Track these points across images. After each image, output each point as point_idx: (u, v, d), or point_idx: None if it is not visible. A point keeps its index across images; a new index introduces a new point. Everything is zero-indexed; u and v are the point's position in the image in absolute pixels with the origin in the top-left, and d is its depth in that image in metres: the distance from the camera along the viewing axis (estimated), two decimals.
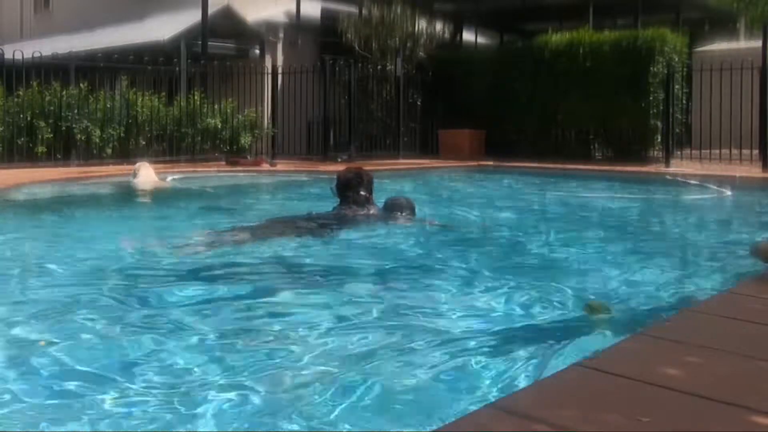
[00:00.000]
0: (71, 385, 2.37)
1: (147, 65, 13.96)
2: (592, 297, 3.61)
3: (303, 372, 2.52)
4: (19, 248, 5.24)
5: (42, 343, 2.84)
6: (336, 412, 2.19)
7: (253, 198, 9.94)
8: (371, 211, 5.57)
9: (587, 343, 2.86)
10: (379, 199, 5.85)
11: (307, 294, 3.76)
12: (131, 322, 3.09)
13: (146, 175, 9.57)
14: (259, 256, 4.63)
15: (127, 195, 9.23)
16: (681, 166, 12.78)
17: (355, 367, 2.56)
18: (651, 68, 13.92)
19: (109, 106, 12.40)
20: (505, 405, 1.88)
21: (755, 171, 11.78)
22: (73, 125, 11.79)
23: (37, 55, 11.85)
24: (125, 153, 12.31)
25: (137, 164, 9.96)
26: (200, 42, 14.67)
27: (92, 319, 3.12)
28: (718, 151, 12.98)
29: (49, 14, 22.13)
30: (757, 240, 4.71)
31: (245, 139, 14.10)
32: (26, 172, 10.34)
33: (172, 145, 13.20)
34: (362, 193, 5.57)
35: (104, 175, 10.51)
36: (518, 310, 3.40)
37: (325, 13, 17.17)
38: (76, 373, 2.48)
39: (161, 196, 9.25)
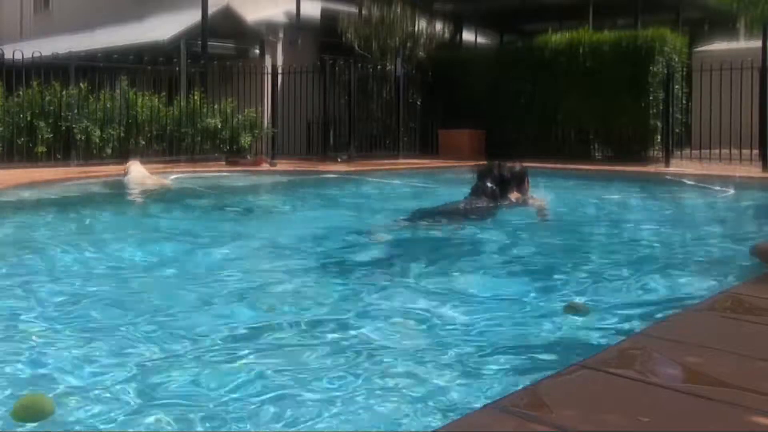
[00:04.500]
0: None
1: (147, 65, 13.96)
2: (576, 298, 3.61)
3: None
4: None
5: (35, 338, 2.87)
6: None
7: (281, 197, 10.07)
8: (490, 203, 5.90)
9: (587, 343, 2.86)
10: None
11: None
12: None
13: (137, 171, 9.51)
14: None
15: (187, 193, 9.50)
16: (681, 166, 12.77)
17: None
18: (651, 68, 13.91)
19: (109, 106, 12.39)
20: (505, 405, 1.87)
21: (755, 171, 11.77)
22: (73, 125, 11.79)
23: (37, 55, 11.85)
24: (125, 153, 12.30)
25: (128, 162, 9.98)
26: (200, 42, 14.67)
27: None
28: (718, 151, 12.97)
29: (49, 14, 22.13)
30: (758, 240, 4.70)
31: (245, 139, 14.09)
32: (27, 171, 10.33)
33: (171, 145, 13.19)
34: (489, 185, 5.88)
35: (106, 175, 10.51)
36: (516, 311, 3.40)
37: (325, 13, 17.17)
38: None
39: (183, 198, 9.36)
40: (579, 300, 3.53)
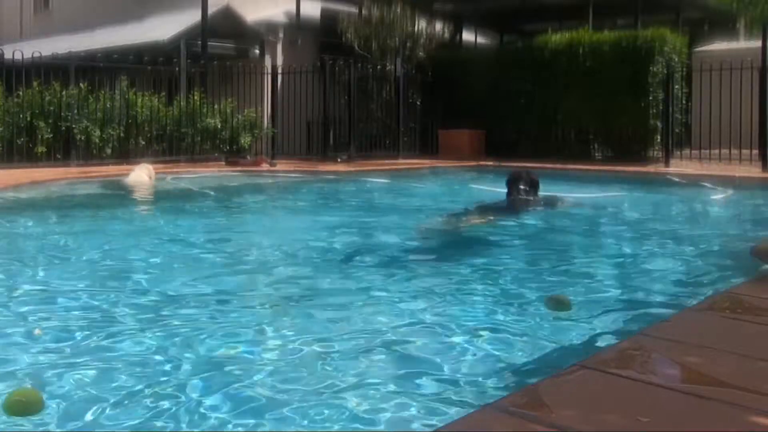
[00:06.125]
0: None
1: (147, 65, 13.95)
2: (571, 295, 3.62)
3: None
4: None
5: (38, 331, 2.88)
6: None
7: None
8: (530, 201, 7.14)
9: (587, 343, 2.86)
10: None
11: None
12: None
13: (137, 175, 9.75)
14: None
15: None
16: (680, 166, 12.77)
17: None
18: (651, 68, 13.91)
19: (109, 106, 12.39)
20: (505, 405, 1.87)
21: (755, 171, 11.77)
22: (73, 125, 11.78)
23: (37, 55, 11.84)
24: (125, 153, 12.31)
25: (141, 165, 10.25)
26: (200, 42, 14.66)
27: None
28: (717, 151, 12.97)
29: (49, 14, 22.12)
30: (758, 240, 4.70)
31: (245, 139, 14.09)
32: (27, 171, 10.33)
33: (171, 145, 13.19)
34: (522, 187, 7.07)
35: (105, 175, 10.52)
36: (516, 309, 3.40)
37: (325, 13, 17.17)
38: None
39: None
40: (564, 295, 3.53)
